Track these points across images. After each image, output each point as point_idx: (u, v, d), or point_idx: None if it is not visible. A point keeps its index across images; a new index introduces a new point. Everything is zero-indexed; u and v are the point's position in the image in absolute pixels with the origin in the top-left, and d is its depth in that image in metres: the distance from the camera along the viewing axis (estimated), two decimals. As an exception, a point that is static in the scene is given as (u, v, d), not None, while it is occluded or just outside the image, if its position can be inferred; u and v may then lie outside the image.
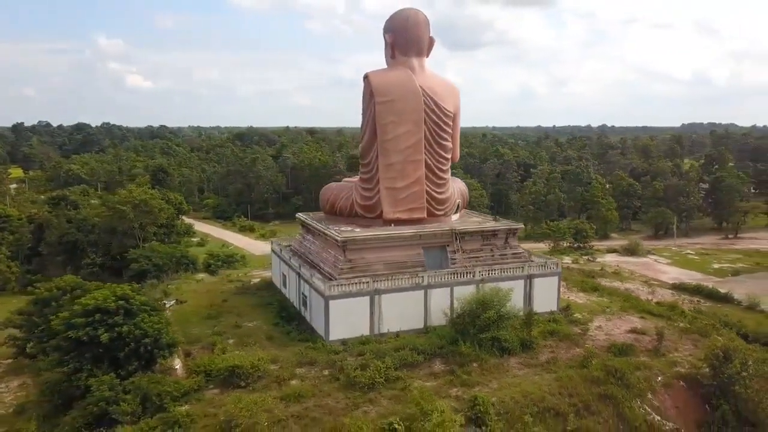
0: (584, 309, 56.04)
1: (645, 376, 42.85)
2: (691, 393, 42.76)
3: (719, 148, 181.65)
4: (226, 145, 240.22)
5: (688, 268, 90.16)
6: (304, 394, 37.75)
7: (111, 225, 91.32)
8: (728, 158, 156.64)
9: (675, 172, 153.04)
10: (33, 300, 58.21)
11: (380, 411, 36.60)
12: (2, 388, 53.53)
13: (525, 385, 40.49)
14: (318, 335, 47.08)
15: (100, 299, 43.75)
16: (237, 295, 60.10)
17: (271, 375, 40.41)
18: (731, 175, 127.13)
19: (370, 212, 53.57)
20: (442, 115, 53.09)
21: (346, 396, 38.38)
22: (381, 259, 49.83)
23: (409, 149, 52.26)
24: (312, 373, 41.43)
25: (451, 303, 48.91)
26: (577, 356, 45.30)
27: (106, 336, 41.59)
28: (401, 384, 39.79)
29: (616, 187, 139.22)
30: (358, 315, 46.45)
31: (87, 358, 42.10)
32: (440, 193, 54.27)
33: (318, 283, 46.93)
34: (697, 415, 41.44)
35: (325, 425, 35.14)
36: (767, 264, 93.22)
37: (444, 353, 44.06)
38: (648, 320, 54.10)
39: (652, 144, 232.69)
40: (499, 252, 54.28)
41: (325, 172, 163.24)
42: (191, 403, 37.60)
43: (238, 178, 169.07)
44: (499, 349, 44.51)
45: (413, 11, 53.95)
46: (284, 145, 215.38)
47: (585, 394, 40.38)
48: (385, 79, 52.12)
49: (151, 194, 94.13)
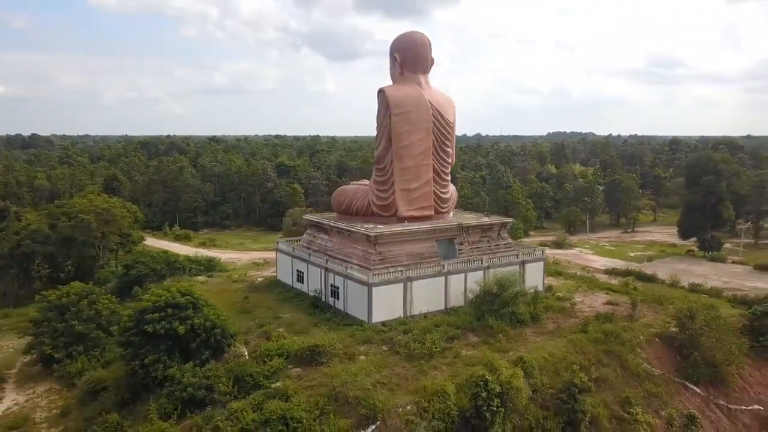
0: (561, 289, 66.23)
1: (631, 336, 53.26)
2: (666, 347, 53.73)
3: (611, 154, 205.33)
4: (129, 154, 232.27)
5: (610, 256, 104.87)
6: (379, 366, 43.70)
7: (69, 235, 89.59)
8: (619, 163, 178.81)
9: (576, 176, 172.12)
10: (47, 308, 58.64)
11: (445, 374, 43.55)
12: (31, 395, 53.96)
13: (547, 348, 49.26)
14: (357, 320, 52.82)
15: (167, 296, 46.70)
16: (253, 293, 63.95)
17: (340, 353, 45.86)
18: (627, 178, 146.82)
19: (385, 211, 60.19)
20: (446, 124, 61.05)
21: (411, 365, 44.88)
22: (404, 251, 56.70)
23: (421, 155, 59.64)
24: (373, 349, 47.43)
25: (465, 286, 56.80)
26: (575, 324, 55.02)
27: (182, 328, 44.96)
28: (452, 353, 47.07)
29: (530, 189, 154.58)
30: (395, 299, 53.01)
31: (162, 350, 45.07)
32: (444, 193, 62.15)
33: (358, 274, 52.84)
34: (674, 363, 52.35)
35: (410, 388, 41.55)
36: (670, 251, 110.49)
37: (473, 327, 51.83)
38: (611, 295, 65.32)
39: (546, 151, 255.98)
40: (494, 242, 63.05)
41: (254, 179, 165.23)
42: (282, 380, 42.24)
43: (160, 187, 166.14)
44: (516, 322, 53.05)
45: (419, 34, 61.52)
46: (199, 154, 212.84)
47: (593, 351, 49.91)
48: (400, 93, 59.14)
49: (113, 203, 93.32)
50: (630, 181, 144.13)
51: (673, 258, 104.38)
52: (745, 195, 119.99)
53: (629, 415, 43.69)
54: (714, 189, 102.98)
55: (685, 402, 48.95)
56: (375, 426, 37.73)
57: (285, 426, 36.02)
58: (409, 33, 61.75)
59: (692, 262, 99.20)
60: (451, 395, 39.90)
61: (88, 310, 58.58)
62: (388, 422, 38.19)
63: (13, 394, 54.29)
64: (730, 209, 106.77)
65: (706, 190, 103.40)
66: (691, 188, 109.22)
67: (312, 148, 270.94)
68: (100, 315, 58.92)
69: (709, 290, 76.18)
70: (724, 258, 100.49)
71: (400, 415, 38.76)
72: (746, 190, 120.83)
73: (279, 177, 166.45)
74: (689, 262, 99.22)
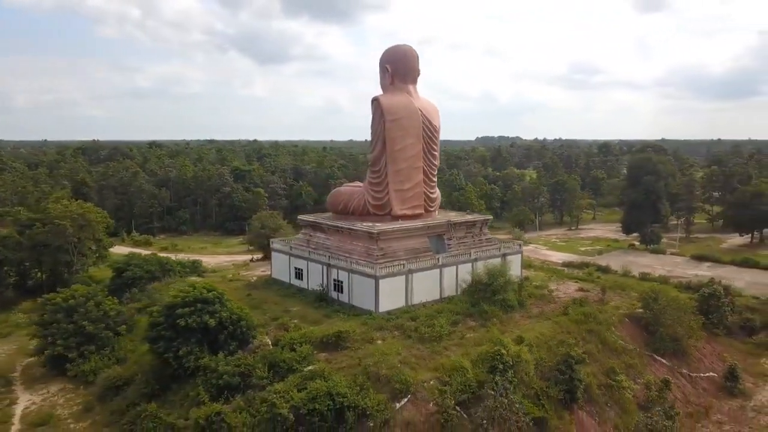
0: (536, 279, 72.98)
1: (605, 317, 60.30)
2: (634, 325, 61.12)
3: (552, 157, 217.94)
4: (68, 159, 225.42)
5: (563, 251, 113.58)
6: (398, 348, 48.34)
7: (43, 241, 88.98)
8: (560, 165, 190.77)
9: (520, 178, 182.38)
10: (53, 310, 59.85)
11: (456, 353, 48.76)
12: (46, 394, 55.28)
13: (537, 329, 55.42)
14: (364, 310, 57.20)
15: (194, 292, 49.65)
16: (253, 290, 67.10)
17: (359, 339, 50.20)
18: (570, 180, 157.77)
19: (380, 210, 64.94)
20: (434, 130, 66.53)
21: (424, 347, 49.86)
22: (402, 247, 61.66)
23: (413, 158, 64.82)
24: (387, 334, 52.04)
25: (456, 277, 62.37)
26: (556, 308, 61.60)
27: (212, 321, 48.15)
28: (457, 335, 52.44)
29: (480, 191, 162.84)
30: (398, 290, 57.87)
31: (193, 342, 48.05)
32: (432, 193, 67.61)
33: (364, 269, 57.34)
34: (642, 338, 59.75)
35: (429, 366, 46.53)
36: (616, 246, 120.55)
37: (471, 313, 57.40)
38: (580, 283, 72.65)
39: (487, 155, 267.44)
40: (477, 238, 69.01)
41: (210, 184, 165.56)
42: (313, 364, 46.21)
43: (112, 193, 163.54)
44: (506, 307, 59.01)
45: (408, 47, 66.79)
46: (147, 159, 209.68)
47: (576, 330, 56.47)
48: (392, 101, 64.11)
49: (87, 208, 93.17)
50: (573, 183, 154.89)
51: (618, 251, 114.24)
52: (676, 194, 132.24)
53: (615, 383, 50.30)
54: (654, 188, 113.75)
55: (654, 372, 56.23)
56: (407, 398, 42.45)
57: (331, 401, 40.14)
58: (400, 46, 66.88)
59: (637, 255, 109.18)
60: (469, 369, 45.16)
61: (96, 311, 60.19)
62: (417, 395, 43.00)
63: (27, 395, 55.40)
64: (667, 206, 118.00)
65: (647, 188, 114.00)
66: (633, 187, 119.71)
67: (258, 153, 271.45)
68: (108, 315, 60.63)
69: (657, 278, 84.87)
70: (663, 250, 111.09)
71: (426, 388, 43.67)
72: (677, 189, 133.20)
73: (234, 181, 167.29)
74: (634, 255, 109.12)
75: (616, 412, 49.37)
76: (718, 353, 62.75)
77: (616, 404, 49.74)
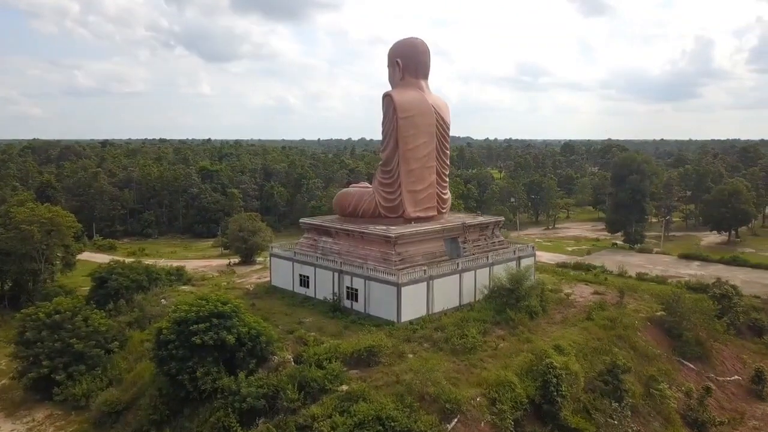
0: (547, 282, 70.48)
1: (629, 322, 58.29)
2: (657, 329, 59.37)
3: (525, 157, 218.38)
4: (15, 159, 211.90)
5: (552, 252, 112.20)
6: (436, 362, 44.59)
7: (7, 248, 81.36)
8: (532, 165, 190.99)
9: (493, 178, 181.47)
10: (36, 327, 53.80)
11: (496, 366, 45.54)
12: (30, 422, 49.48)
13: (567, 335, 52.82)
14: (384, 320, 53.26)
15: (209, 305, 44.81)
16: (256, 300, 62.14)
17: (390, 353, 46.29)
18: (548, 179, 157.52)
19: (392, 212, 61.16)
20: (446, 127, 63.23)
21: (459, 359, 46.42)
22: (420, 251, 58.06)
23: (425, 157, 61.31)
24: (416, 347, 48.33)
25: (474, 283, 59.22)
26: (577, 313, 59.20)
27: (231, 338, 43.44)
28: (491, 345, 49.17)
29: (457, 191, 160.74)
30: (419, 298, 54.24)
31: (209, 361, 43.25)
32: (444, 194, 64.33)
33: (384, 275, 53.46)
34: (667, 343, 58.02)
35: (471, 381, 43.10)
36: (601, 245, 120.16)
37: (497, 321, 54.26)
38: (591, 286, 70.69)
39: (453, 155, 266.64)
40: (490, 240, 66.07)
41: (177, 185, 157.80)
42: (346, 383, 42.11)
43: (68, 195, 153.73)
44: (531, 313, 56.21)
45: (419, 40, 63.10)
46: (104, 159, 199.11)
47: (606, 337, 54.15)
48: (405, 97, 60.41)
49: (56, 211, 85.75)
50: (551, 182, 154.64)
51: (605, 251, 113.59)
52: (654, 192, 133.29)
53: (657, 392, 48.05)
54: (639, 187, 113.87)
55: (684, 377, 54.55)
56: (457, 419, 38.92)
57: (381, 425, 36.25)
58: (411, 39, 63.19)
59: (625, 254, 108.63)
60: (517, 384, 42.00)
61: (85, 326, 54.31)
62: (468, 414, 39.52)
63: (8, 424, 49.32)
64: (650, 205, 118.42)
65: (633, 187, 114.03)
66: (618, 186, 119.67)
67: (219, 152, 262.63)
68: (98, 332, 54.82)
69: (654, 278, 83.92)
70: (650, 249, 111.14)
71: (475, 406, 40.25)
72: (655, 188, 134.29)
73: (202, 182, 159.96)
74: (622, 254, 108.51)
75: (660, 423, 47.10)
76: (737, 355, 61.74)
77: (659, 415, 47.49)
